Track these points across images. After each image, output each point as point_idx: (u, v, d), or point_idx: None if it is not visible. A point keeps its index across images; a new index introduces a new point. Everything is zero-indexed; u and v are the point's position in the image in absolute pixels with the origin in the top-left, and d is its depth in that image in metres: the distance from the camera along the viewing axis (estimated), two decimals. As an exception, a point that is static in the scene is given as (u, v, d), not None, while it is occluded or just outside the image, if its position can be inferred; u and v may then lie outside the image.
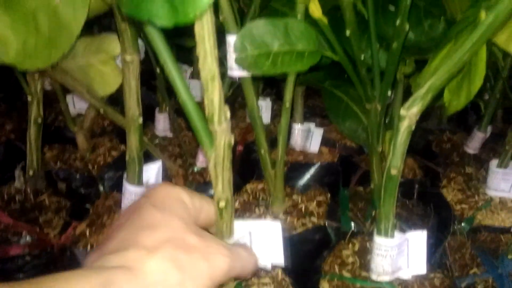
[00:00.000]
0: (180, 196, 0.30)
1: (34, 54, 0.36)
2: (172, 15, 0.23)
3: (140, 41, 0.57)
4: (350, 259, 0.52)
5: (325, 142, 0.83)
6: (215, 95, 0.31)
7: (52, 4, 0.38)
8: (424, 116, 0.44)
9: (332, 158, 0.80)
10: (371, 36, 0.53)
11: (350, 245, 0.54)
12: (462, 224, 0.64)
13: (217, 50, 0.30)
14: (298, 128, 0.80)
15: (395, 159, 0.44)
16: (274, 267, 0.51)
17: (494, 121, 0.91)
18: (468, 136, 0.87)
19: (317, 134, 0.81)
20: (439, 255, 0.56)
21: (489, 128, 0.84)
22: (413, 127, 0.43)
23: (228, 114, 0.32)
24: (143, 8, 0.24)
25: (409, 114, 0.42)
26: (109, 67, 0.58)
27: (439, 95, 0.43)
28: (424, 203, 0.67)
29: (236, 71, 0.52)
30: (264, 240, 0.38)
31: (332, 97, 0.71)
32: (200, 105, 0.31)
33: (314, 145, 0.81)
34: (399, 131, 0.43)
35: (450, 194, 0.69)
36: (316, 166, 0.74)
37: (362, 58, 0.50)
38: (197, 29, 0.27)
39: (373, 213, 0.64)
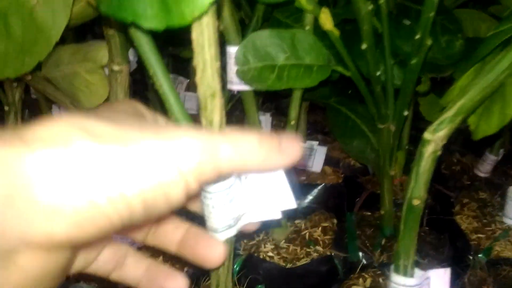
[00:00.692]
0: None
1: (3, 61, 0.31)
2: (164, 16, 0.18)
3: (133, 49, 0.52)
4: (362, 298, 0.46)
5: (328, 161, 0.78)
6: (215, 115, 0.25)
7: (28, 5, 0.33)
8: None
9: (336, 178, 0.75)
10: (384, 51, 0.48)
11: (361, 279, 0.49)
12: (479, 256, 0.58)
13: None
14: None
15: (418, 189, 0.38)
16: None
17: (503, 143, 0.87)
18: (477, 158, 0.82)
19: (320, 152, 0.76)
20: (458, 293, 0.50)
21: (501, 151, 0.80)
22: (439, 153, 0.38)
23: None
24: (127, 7, 0.19)
25: (434, 139, 0.37)
26: (97, 76, 0.53)
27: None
28: (436, 232, 0.62)
29: (236, 85, 0.47)
30: (269, 191, 0.32)
31: (338, 115, 0.66)
32: (197, 119, 0.26)
33: (316, 165, 0.76)
34: (423, 156, 0.38)
35: (464, 222, 0.64)
36: (320, 187, 0.69)
37: (377, 74, 0.45)
38: (195, 34, 0.22)
39: (383, 242, 0.59)
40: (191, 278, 0.50)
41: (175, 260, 0.54)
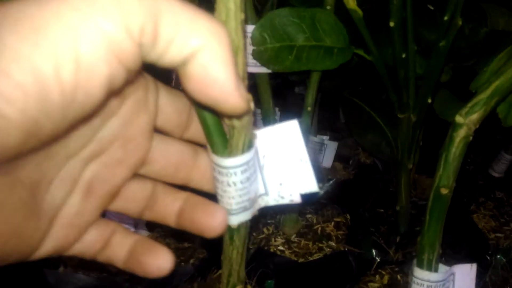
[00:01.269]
0: None
1: None
2: None
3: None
4: (380, 295, 0.43)
5: (337, 157, 0.76)
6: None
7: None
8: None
9: (347, 175, 0.72)
10: (408, 36, 0.46)
11: (378, 276, 0.46)
12: (498, 256, 0.56)
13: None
14: (310, 140, 0.73)
15: (446, 176, 0.36)
16: None
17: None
18: (490, 157, 0.80)
19: (331, 147, 0.73)
20: (480, 293, 0.48)
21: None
22: (471, 138, 0.35)
23: (252, 104, 0.24)
24: None
25: (467, 122, 0.34)
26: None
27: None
28: (452, 230, 0.59)
29: (251, 67, 0.44)
30: (290, 171, 0.29)
31: (352, 107, 0.64)
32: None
33: (327, 160, 0.73)
34: (454, 142, 0.35)
35: (481, 220, 0.61)
36: (331, 183, 0.66)
37: (403, 56, 0.43)
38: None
39: (397, 239, 0.56)
40: (197, 271, 0.47)
41: (180, 252, 0.51)
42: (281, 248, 0.51)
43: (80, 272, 0.50)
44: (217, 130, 0.26)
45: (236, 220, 0.28)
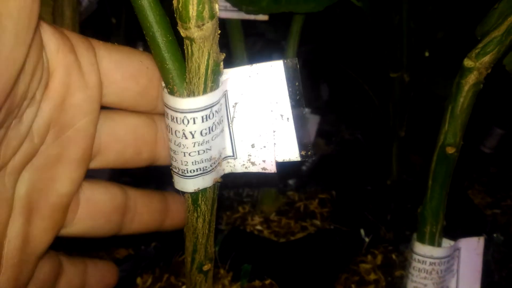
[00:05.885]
0: None
1: None
2: None
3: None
4: (372, 276, 0.38)
5: (319, 134, 0.70)
6: None
7: None
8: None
9: (330, 151, 0.66)
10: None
11: (370, 256, 0.40)
12: (497, 234, 0.51)
13: None
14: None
15: (452, 133, 0.30)
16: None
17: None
18: (480, 133, 0.75)
19: (313, 122, 0.67)
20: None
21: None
22: (481, 86, 0.30)
23: (217, 7, 0.17)
24: None
25: (478, 66, 0.29)
26: (46, 8, 0.42)
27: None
28: (447, 206, 0.54)
29: (221, 11, 0.37)
30: (266, 131, 0.23)
31: (336, 76, 0.58)
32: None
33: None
34: (461, 90, 0.29)
35: (476, 196, 0.57)
36: (314, 158, 0.60)
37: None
38: None
39: (388, 217, 0.51)
40: (160, 254, 0.40)
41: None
42: (259, 227, 0.45)
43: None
44: (169, 49, 0.19)
45: (193, 185, 0.21)
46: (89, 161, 0.19)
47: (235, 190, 0.51)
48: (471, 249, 0.34)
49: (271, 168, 0.24)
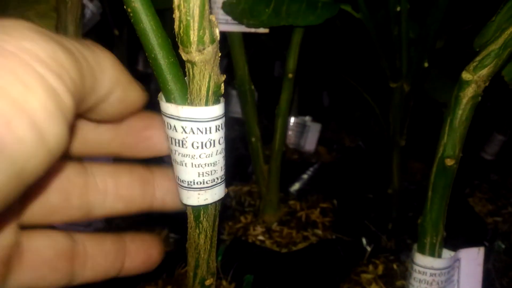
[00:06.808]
0: None
1: None
2: None
3: None
4: (374, 286, 0.38)
5: (321, 141, 0.70)
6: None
7: None
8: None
9: (331, 159, 0.67)
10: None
11: (371, 266, 0.40)
12: (498, 242, 0.51)
13: None
14: (291, 121, 0.67)
15: (452, 145, 0.30)
16: None
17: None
18: (481, 140, 0.75)
19: (314, 130, 0.68)
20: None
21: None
22: (480, 98, 0.30)
23: (218, 31, 0.18)
24: None
25: (476, 79, 0.29)
26: (49, 21, 0.43)
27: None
28: (448, 214, 0.54)
29: (222, 25, 0.38)
30: None
31: (337, 85, 0.58)
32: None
33: (310, 143, 0.67)
34: (460, 103, 0.30)
35: (477, 204, 0.57)
36: (315, 166, 0.61)
37: (398, 9, 0.37)
38: None
39: (389, 226, 0.51)
40: (162, 265, 0.40)
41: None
42: (261, 238, 0.45)
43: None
44: (171, 71, 0.19)
45: (203, 198, 0.22)
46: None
47: (237, 200, 0.52)
48: (472, 260, 0.34)
49: None
